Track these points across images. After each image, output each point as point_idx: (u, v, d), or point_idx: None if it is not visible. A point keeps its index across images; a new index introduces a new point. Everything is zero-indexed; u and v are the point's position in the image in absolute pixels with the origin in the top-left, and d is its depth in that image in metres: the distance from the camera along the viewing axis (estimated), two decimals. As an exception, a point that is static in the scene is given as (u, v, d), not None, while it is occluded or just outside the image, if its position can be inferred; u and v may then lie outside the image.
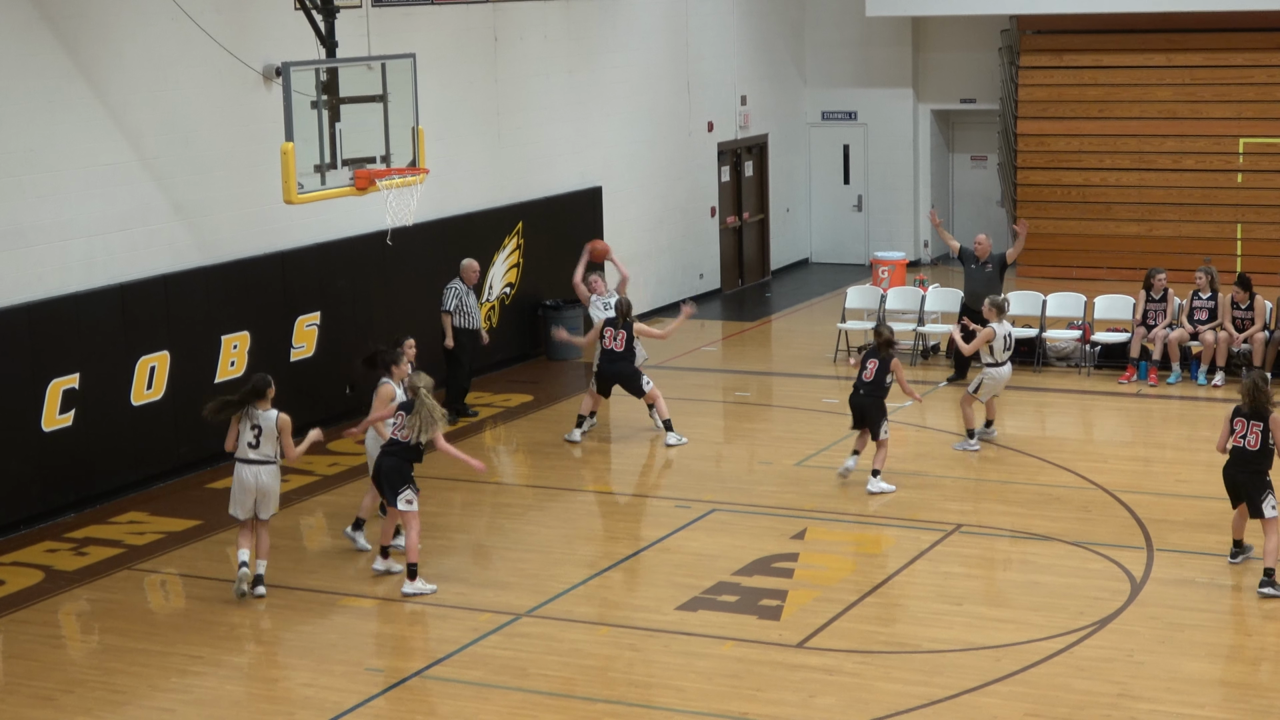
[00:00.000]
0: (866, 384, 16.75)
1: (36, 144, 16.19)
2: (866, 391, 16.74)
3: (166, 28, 17.29)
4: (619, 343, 18.43)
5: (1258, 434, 13.73)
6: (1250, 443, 13.77)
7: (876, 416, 16.71)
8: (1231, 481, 14.01)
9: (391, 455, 14.19)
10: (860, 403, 16.81)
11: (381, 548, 14.71)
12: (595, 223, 24.24)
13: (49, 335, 16.18)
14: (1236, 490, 13.98)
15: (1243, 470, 13.85)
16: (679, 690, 12.16)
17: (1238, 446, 13.86)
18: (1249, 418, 13.80)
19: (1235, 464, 13.91)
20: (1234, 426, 13.88)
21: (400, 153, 16.57)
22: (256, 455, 14.10)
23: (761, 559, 14.86)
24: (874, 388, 16.71)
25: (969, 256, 21.34)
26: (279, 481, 14.36)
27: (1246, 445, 13.79)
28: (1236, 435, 13.87)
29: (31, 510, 16.19)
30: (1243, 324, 20.73)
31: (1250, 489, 13.79)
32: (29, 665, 12.95)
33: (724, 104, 27.64)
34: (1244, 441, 13.80)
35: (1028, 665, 12.37)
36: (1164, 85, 27.32)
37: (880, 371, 16.67)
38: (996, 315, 18.20)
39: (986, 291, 20.78)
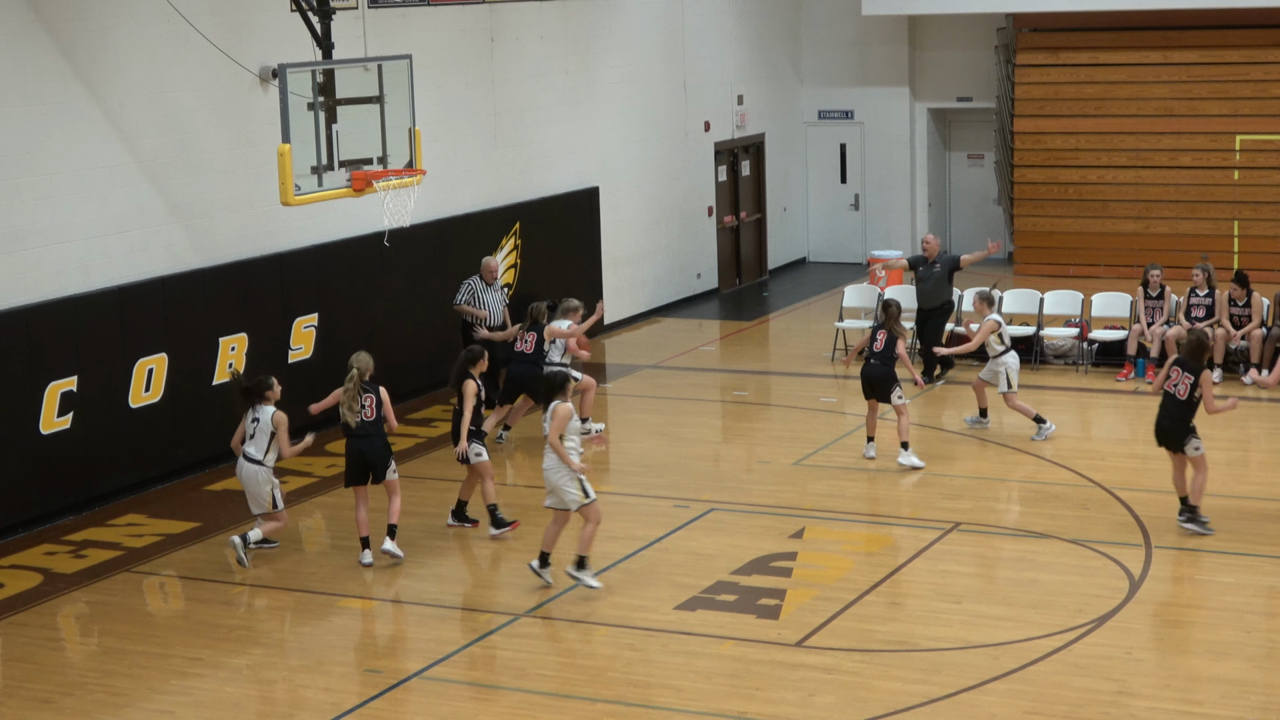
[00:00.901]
0: (877, 354, 17.45)
1: (33, 147, 16.19)
2: (879, 361, 17.42)
3: (163, 30, 17.29)
4: (528, 345, 18.35)
5: (1187, 385, 14.87)
6: (1180, 391, 14.92)
7: (888, 384, 17.37)
8: (1159, 425, 15.12)
9: (372, 437, 14.97)
10: (871, 372, 17.46)
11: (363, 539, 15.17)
12: (593, 223, 24.25)
13: (47, 338, 16.18)
14: (1162, 434, 15.12)
15: (1168, 416, 15.00)
16: (678, 690, 12.16)
17: (1169, 393, 15.00)
18: (1184, 368, 14.95)
19: (1164, 409, 15.06)
20: (1170, 373, 15.06)
21: (397, 154, 16.57)
22: (249, 450, 14.78)
23: (760, 558, 14.86)
24: (884, 357, 17.43)
25: (917, 260, 21.31)
26: (264, 484, 14.77)
27: (1177, 394, 14.94)
28: (1170, 382, 15.03)
29: (30, 513, 16.19)
30: (1240, 321, 20.75)
31: (1176, 433, 14.95)
32: (28, 668, 12.95)
33: (720, 103, 27.64)
34: (1175, 390, 14.95)
35: (1027, 663, 12.38)
36: (1161, 83, 27.33)
37: (889, 342, 17.41)
38: (989, 308, 18.61)
39: (936, 292, 20.87)
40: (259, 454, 14.74)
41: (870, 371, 17.53)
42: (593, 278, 24.20)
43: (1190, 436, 15.00)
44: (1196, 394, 14.86)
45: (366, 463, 14.97)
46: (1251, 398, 20.10)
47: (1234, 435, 18.72)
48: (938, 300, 21.05)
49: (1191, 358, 15.01)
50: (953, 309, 21.47)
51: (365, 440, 14.93)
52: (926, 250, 21.23)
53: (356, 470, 15.01)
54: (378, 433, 14.99)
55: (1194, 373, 14.91)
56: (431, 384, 21.06)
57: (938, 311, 21.10)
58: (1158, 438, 15.26)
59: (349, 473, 15.08)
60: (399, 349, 20.29)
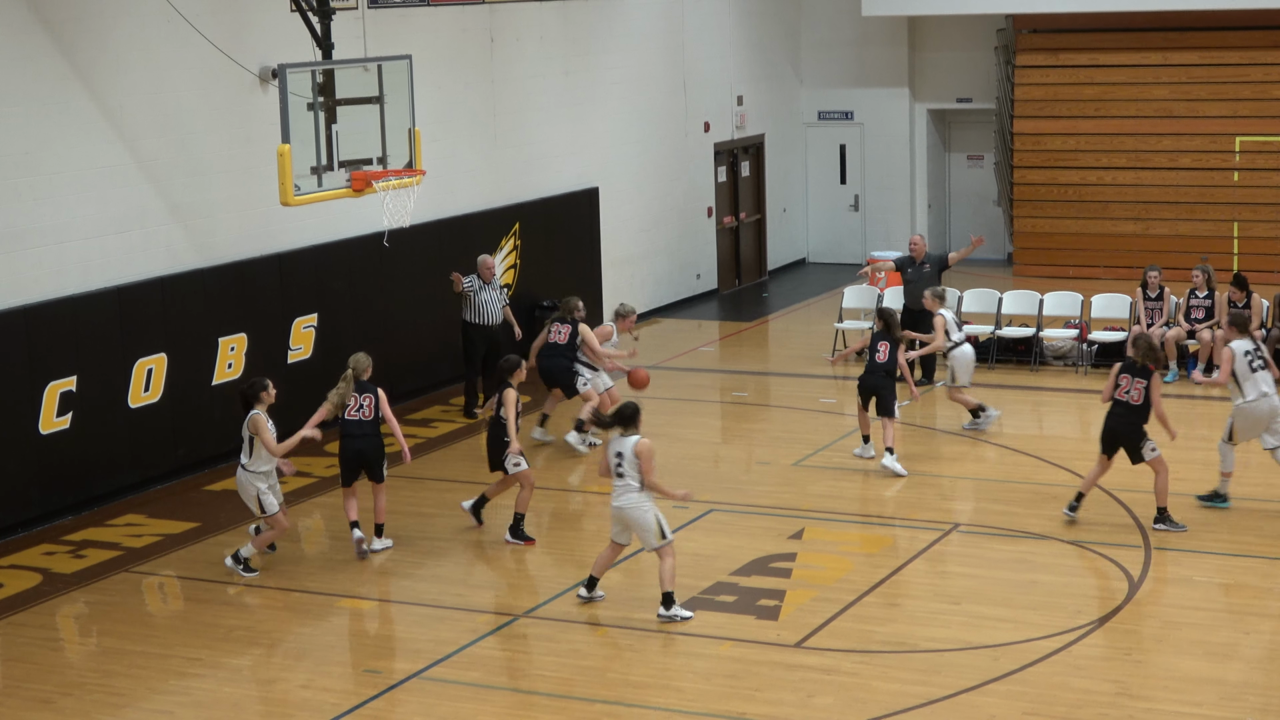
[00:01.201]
0: (881, 365, 17.36)
1: (33, 147, 16.19)
2: (886, 373, 17.35)
3: (162, 30, 17.29)
4: (562, 336, 18.38)
5: (1141, 390, 14.98)
6: (1134, 397, 15.03)
7: (891, 396, 17.28)
8: (1110, 432, 15.19)
9: (367, 436, 15.09)
10: (877, 384, 17.35)
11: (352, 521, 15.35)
12: (592, 223, 24.26)
13: (46, 338, 16.18)
14: (1114, 441, 15.17)
15: (1121, 421, 15.08)
16: (677, 690, 12.16)
17: (1121, 400, 15.09)
18: (1134, 374, 15.05)
19: (1116, 416, 15.12)
20: (1119, 381, 15.13)
21: (397, 154, 16.57)
22: (240, 455, 14.69)
23: (759, 559, 14.86)
24: (889, 369, 17.37)
25: (905, 261, 21.25)
26: (247, 489, 14.59)
27: (1130, 399, 15.05)
28: (1121, 390, 15.09)
29: (29, 513, 16.19)
30: (1239, 322, 20.72)
31: (1131, 439, 15.07)
32: (27, 668, 12.95)
33: (720, 104, 27.64)
34: (1128, 395, 15.06)
35: (1026, 664, 12.38)
36: (1160, 84, 27.33)
37: (892, 353, 17.34)
38: (939, 303, 18.81)
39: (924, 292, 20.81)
40: (245, 459, 14.58)
41: (875, 384, 17.36)
42: (592, 278, 24.20)
43: (1145, 440, 15.15)
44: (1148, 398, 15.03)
45: (363, 462, 15.01)
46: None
47: (1233, 436, 18.73)
48: None
49: (1144, 361, 15.10)
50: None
51: (363, 440, 15.00)
52: (914, 251, 21.18)
53: (352, 469, 15.13)
54: (375, 432, 15.08)
55: (1145, 377, 15.04)
56: (431, 384, 21.07)
57: (928, 312, 20.98)
58: (1109, 442, 15.26)
59: (344, 472, 15.17)
60: (398, 349, 20.29)
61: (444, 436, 19.31)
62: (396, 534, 15.63)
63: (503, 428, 15.23)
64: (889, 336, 17.43)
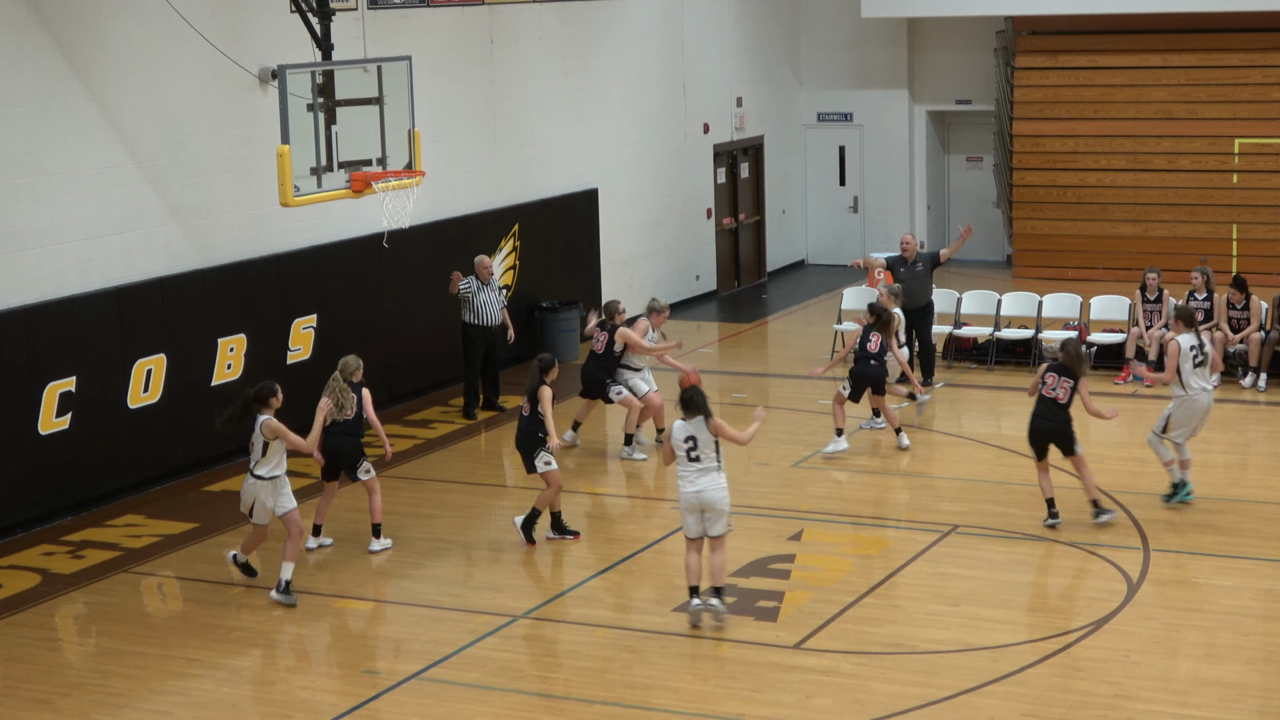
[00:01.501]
0: (874, 354, 17.82)
1: (32, 147, 16.19)
2: (878, 362, 17.84)
3: (162, 31, 17.29)
4: (600, 344, 18.21)
5: (1067, 390, 15.35)
6: (1060, 396, 15.37)
7: (883, 385, 18.08)
8: (1037, 431, 15.49)
9: (344, 435, 15.07)
10: (873, 373, 17.86)
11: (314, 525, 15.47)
12: (591, 224, 24.26)
13: (45, 338, 16.18)
14: (1043, 439, 15.47)
15: (1052, 420, 15.38)
16: (676, 691, 12.17)
17: (1048, 398, 15.40)
18: (1060, 374, 15.39)
19: (1043, 414, 15.43)
20: (1045, 379, 15.46)
21: (396, 155, 16.58)
22: (252, 465, 14.15)
23: (758, 560, 14.86)
24: (880, 357, 17.85)
25: (897, 261, 21.12)
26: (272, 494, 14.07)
27: (1056, 398, 15.38)
28: (1048, 388, 15.43)
29: (28, 513, 16.19)
30: (1238, 324, 20.75)
31: (1060, 434, 15.39)
32: (26, 668, 12.95)
33: (720, 106, 27.65)
34: (1054, 394, 15.39)
35: (1024, 666, 12.38)
36: (1159, 86, 27.34)
37: (883, 344, 17.80)
38: (895, 301, 19.13)
39: (919, 291, 20.78)
40: (258, 468, 14.03)
41: (872, 373, 17.87)
42: (592, 279, 24.20)
43: (1075, 436, 15.48)
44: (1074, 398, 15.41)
45: (339, 460, 15.13)
46: (1249, 401, 20.12)
47: (1233, 438, 18.74)
48: (922, 300, 20.87)
49: (1071, 364, 15.40)
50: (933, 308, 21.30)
51: (341, 438, 15.08)
52: (905, 251, 21.05)
53: (330, 467, 15.23)
54: (355, 432, 15.13)
55: (1073, 378, 15.38)
56: (430, 385, 21.07)
57: (924, 311, 20.96)
58: (1039, 440, 15.51)
59: (324, 468, 15.28)
60: (398, 350, 20.30)
61: (443, 437, 19.31)
62: (395, 534, 15.64)
63: (534, 427, 15.21)
64: (879, 328, 17.86)
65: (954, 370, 21.76)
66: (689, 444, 13.17)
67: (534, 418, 15.22)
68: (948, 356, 22.10)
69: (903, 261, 20.99)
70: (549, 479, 15.28)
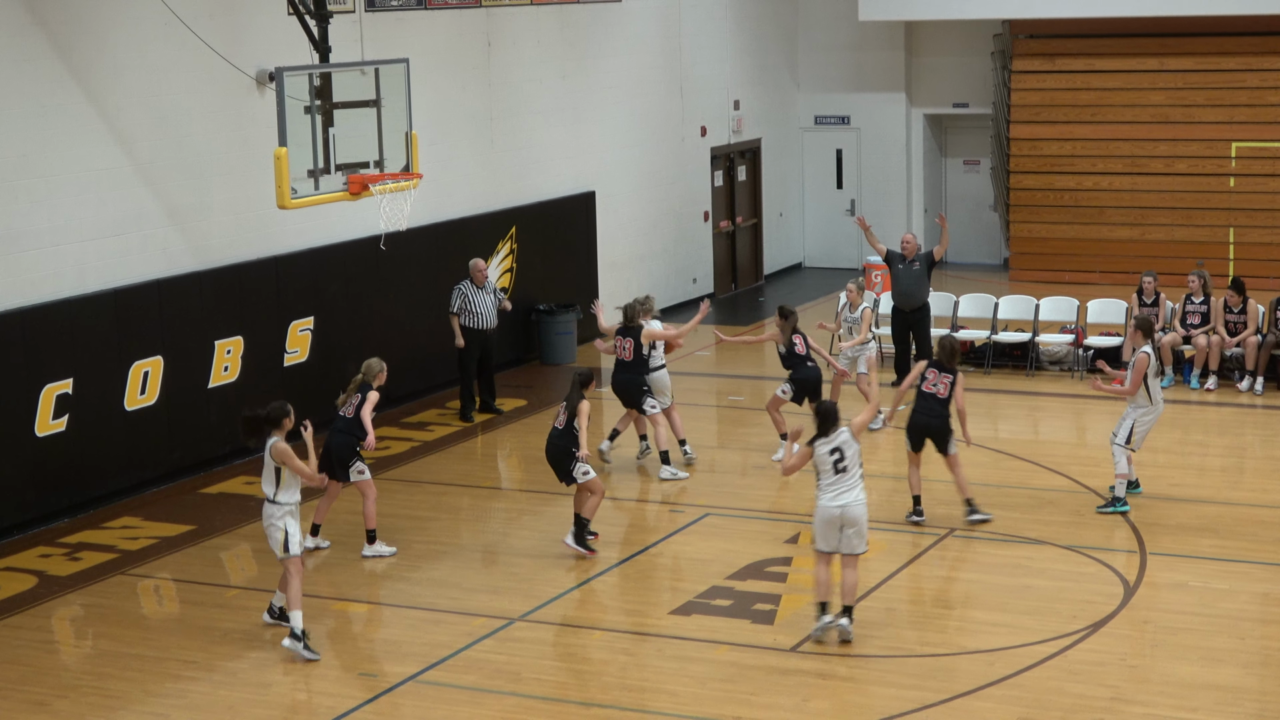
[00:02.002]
0: (805, 356, 17.61)
1: (30, 149, 16.18)
2: (813, 364, 17.65)
3: (160, 33, 17.29)
4: (626, 352, 17.74)
5: (947, 385, 15.63)
6: (940, 391, 15.67)
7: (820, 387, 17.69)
8: (916, 426, 15.75)
9: (340, 433, 15.13)
10: (813, 375, 17.58)
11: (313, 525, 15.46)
12: (589, 227, 24.27)
13: (42, 340, 16.18)
14: (921, 435, 15.73)
15: (932, 415, 15.66)
16: (673, 694, 12.17)
17: (928, 394, 15.69)
18: (941, 370, 15.67)
19: (923, 411, 15.73)
20: (925, 375, 15.76)
21: (394, 157, 16.57)
22: (263, 486, 13.19)
23: (755, 563, 14.86)
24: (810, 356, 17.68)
25: (896, 257, 21.01)
26: (276, 523, 13.01)
27: (937, 393, 15.67)
28: (928, 384, 15.71)
29: (25, 515, 16.19)
30: (1235, 328, 20.76)
31: (941, 432, 15.66)
32: (22, 670, 12.95)
33: (717, 108, 27.66)
34: (934, 390, 15.67)
35: (1021, 669, 12.39)
36: (1156, 89, 27.35)
37: (808, 345, 17.73)
38: (862, 295, 19.30)
39: (916, 291, 20.71)
40: (271, 491, 13.08)
41: (810, 374, 17.53)
42: (589, 282, 24.21)
43: (951, 436, 15.77)
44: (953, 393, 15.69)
45: (329, 456, 15.15)
46: (1246, 404, 20.12)
47: (1230, 442, 18.76)
48: (918, 300, 20.77)
49: (948, 360, 15.70)
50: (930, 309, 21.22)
51: (335, 435, 15.20)
52: (905, 249, 20.94)
53: (324, 463, 15.07)
54: (347, 430, 15.14)
55: (951, 373, 15.64)
56: (427, 388, 21.06)
57: (919, 312, 20.88)
58: (917, 436, 15.76)
59: (320, 460, 15.01)
60: (395, 352, 20.23)
61: (440, 440, 19.31)
62: (392, 537, 15.63)
63: (568, 440, 15.06)
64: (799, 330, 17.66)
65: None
66: (835, 456, 12.95)
67: (569, 431, 15.11)
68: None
69: (901, 259, 20.93)
70: (591, 487, 15.09)
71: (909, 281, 20.70)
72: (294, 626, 13.01)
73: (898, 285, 20.91)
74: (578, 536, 15.21)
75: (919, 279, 20.73)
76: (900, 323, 20.79)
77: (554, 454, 15.23)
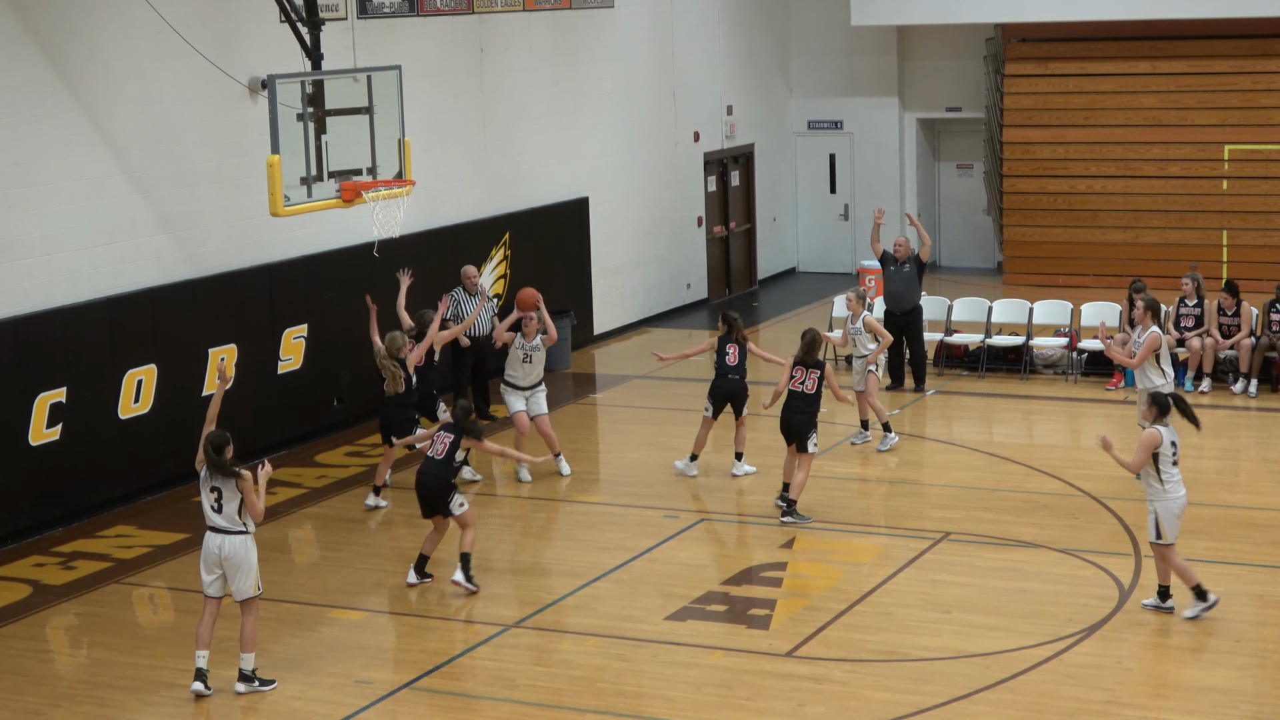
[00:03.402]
0: (733, 367, 17.53)
1: (21, 158, 16.17)
2: (738, 376, 17.57)
3: (151, 41, 17.28)
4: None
5: (815, 380, 16.03)
6: (809, 387, 16.04)
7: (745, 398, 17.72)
8: (787, 423, 16.07)
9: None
10: (730, 386, 17.57)
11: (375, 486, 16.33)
12: (582, 233, 24.26)
13: (35, 349, 16.16)
14: (791, 431, 16.02)
15: (799, 412, 15.99)
16: (668, 700, 12.16)
17: (796, 390, 16.04)
18: (807, 367, 16.04)
19: (792, 408, 16.04)
20: (794, 374, 16.10)
21: (387, 164, 16.56)
22: (221, 521, 12.43)
23: (750, 568, 14.86)
24: (741, 369, 17.58)
25: (889, 259, 21.12)
26: (251, 554, 12.47)
27: (805, 390, 16.04)
28: (795, 381, 16.06)
29: (19, 524, 16.17)
30: (1229, 330, 20.78)
31: (802, 428, 15.97)
32: (17, 680, 12.93)
33: (710, 114, 27.67)
34: (802, 387, 16.04)
35: (1017, 673, 12.38)
36: (1149, 93, 27.38)
37: (742, 355, 17.56)
38: (862, 305, 19.12)
39: (906, 292, 20.76)
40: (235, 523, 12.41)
41: (729, 385, 17.48)
42: (582, 288, 24.21)
43: (813, 432, 16.07)
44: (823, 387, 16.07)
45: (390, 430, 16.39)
46: (1240, 407, 20.14)
47: (1224, 444, 18.76)
48: (909, 303, 20.81)
49: (809, 355, 16.10)
50: (922, 312, 21.25)
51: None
52: (897, 252, 21.02)
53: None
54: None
55: (818, 368, 16.04)
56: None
57: (912, 314, 20.90)
58: (785, 432, 16.14)
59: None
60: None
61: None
62: (386, 543, 15.62)
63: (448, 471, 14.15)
64: (735, 339, 17.48)
65: (945, 377, 21.77)
66: (1174, 449, 13.38)
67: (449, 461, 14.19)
68: (939, 363, 22.10)
69: (893, 260, 21.00)
70: (467, 520, 14.27)
71: (899, 284, 20.77)
72: (245, 668, 12.57)
73: (889, 287, 20.99)
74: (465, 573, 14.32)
75: (910, 281, 20.78)
76: (892, 326, 20.77)
77: (430, 485, 14.20)
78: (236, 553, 12.34)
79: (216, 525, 12.38)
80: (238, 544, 12.33)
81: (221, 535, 12.36)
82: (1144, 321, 16.48)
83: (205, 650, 12.48)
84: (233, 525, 12.33)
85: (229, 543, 12.34)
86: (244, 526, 12.34)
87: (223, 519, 12.34)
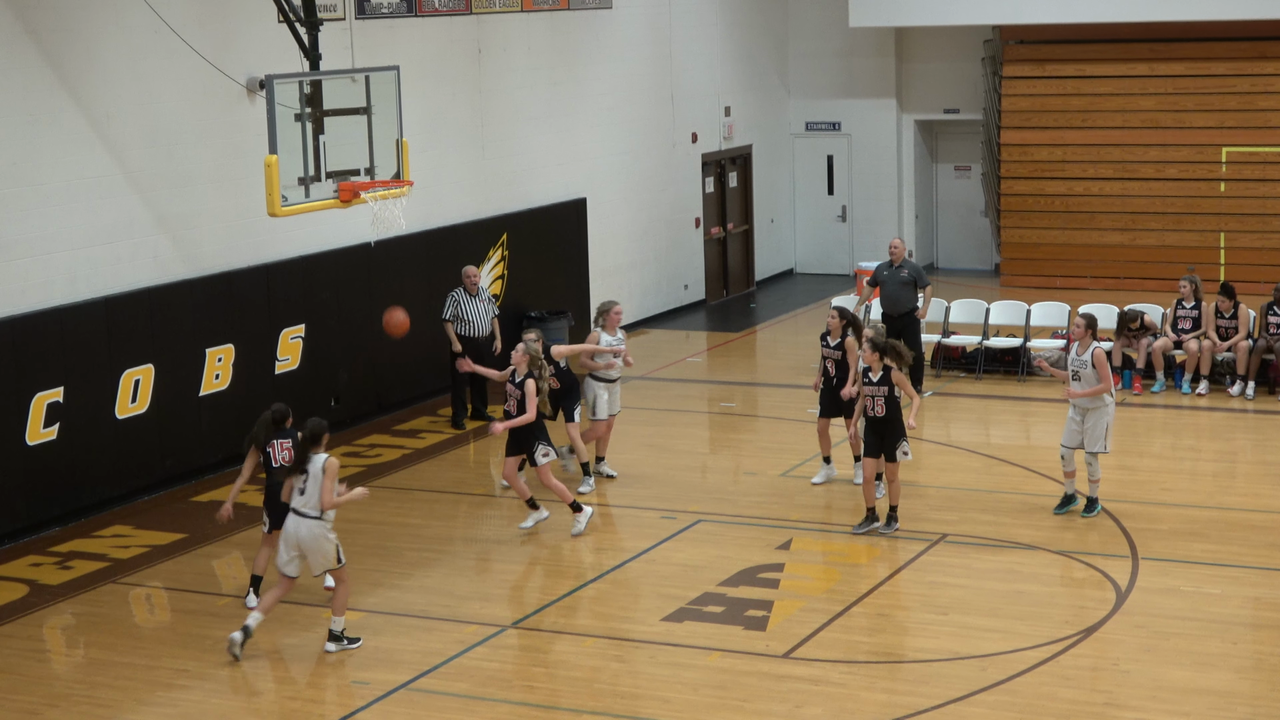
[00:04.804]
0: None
1: (19, 157, 16.17)
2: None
3: (150, 41, 17.28)
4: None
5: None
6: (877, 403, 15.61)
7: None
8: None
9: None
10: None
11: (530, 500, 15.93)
12: (580, 234, 24.27)
13: (33, 349, 16.16)
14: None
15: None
16: (665, 701, 12.16)
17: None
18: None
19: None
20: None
21: (384, 165, 16.55)
22: (302, 504, 12.99)
23: (747, 569, 14.86)
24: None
25: (883, 264, 20.93)
26: (322, 541, 12.97)
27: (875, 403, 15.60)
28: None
29: (16, 524, 16.16)
30: (1226, 332, 20.78)
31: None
32: (13, 680, 12.92)
33: (708, 115, 27.68)
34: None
35: (1014, 674, 12.39)
36: (1147, 95, 27.39)
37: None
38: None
39: (901, 297, 20.63)
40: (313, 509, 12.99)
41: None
42: (580, 289, 24.21)
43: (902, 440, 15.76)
44: None
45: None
46: (1237, 409, 20.14)
47: (1221, 446, 18.77)
48: (905, 306, 20.70)
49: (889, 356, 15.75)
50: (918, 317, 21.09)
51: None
52: (892, 255, 20.88)
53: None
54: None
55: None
56: (418, 395, 21.05)
57: (906, 318, 20.80)
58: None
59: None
60: (386, 360, 20.28)
61: (432, 447, 19.30)
62: (384, 544, 15.62)
63: None
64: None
65: (942, 379, 21.78)
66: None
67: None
68: (936, 365, 22.10)
69: (888, 264, 20.91)
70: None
71: (894, 287, 20.67)
72: (335, 629, 13.28)
73: (884, 291, 20.88)
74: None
75: (905, 286, 20.71)
76: (888, 330, 20.74)
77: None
78: (313, 536, 12.97)
79: (296, 508, 13.03)
80: (314, 528, 12.96)
81: (298, 518, 13.00)
82: (1084, 340, 15.94)
83: (261, 615, 13.06)
84: (310, 510, 12.95)
85: (305, 526, 12.96)
86: (316, 513, 12.92)
87: (303, 502, 12.96)
